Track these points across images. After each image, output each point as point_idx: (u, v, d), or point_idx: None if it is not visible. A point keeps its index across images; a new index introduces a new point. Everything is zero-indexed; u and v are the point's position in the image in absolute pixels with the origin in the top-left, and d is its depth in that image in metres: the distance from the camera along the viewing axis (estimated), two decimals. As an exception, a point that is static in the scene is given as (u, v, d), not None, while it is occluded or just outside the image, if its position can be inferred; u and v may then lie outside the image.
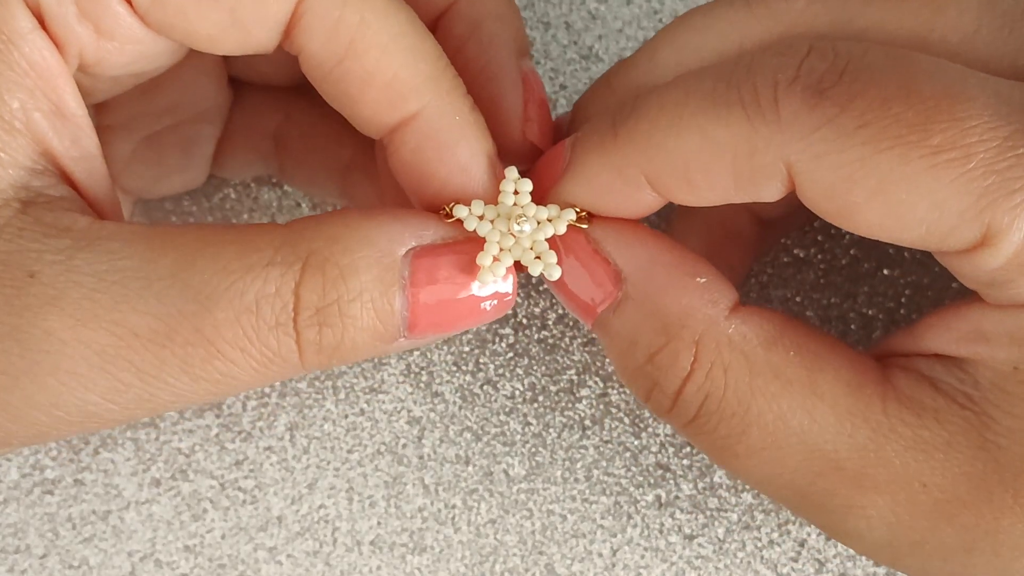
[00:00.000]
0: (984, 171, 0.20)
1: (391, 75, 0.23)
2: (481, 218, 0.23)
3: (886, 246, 0.31)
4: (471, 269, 0.23)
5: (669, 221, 0.31)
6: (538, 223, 0.23)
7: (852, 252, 0.31)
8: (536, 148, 0.26)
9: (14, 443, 0.23)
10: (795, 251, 0.32)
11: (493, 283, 0.23)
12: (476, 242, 0.23)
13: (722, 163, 0.21)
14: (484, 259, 0.23)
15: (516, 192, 0.23)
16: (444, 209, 0.23)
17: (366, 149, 0.29)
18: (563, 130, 0.27)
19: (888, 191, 0.20)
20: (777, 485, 0.23)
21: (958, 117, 0.20)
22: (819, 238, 0.32)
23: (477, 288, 0.23)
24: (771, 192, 0.22)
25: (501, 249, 0.23)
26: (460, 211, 0.23)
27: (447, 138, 0.23)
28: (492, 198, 0.24)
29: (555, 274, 0.23)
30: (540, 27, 0.33)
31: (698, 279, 0.23)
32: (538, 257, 0.23)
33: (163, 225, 0.22)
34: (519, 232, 0.23)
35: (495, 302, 0.23)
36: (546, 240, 0.23)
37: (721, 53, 0.24)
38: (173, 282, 0.21)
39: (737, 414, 0.22)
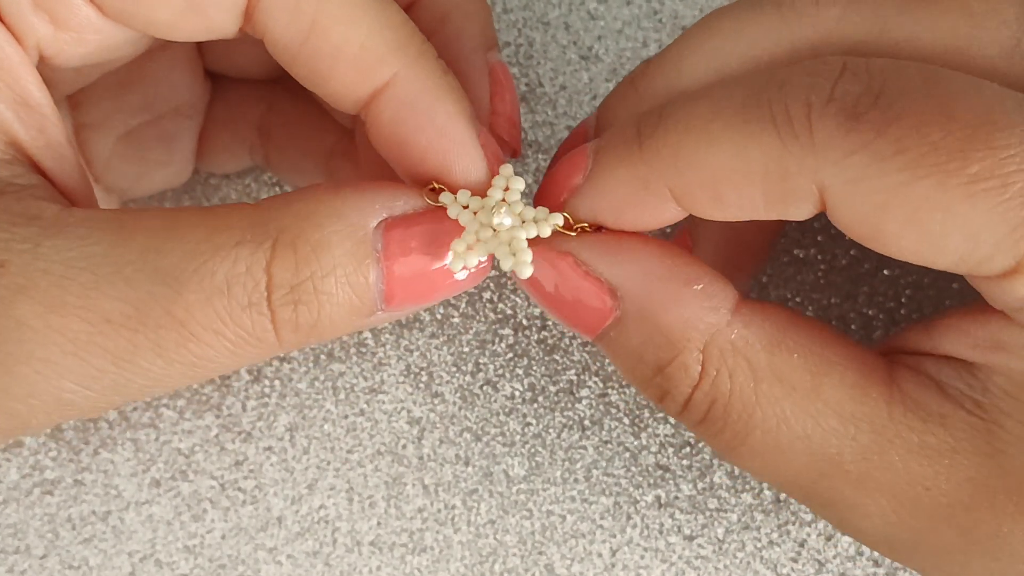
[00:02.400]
0: (1021, 201, 0.19)
1: (358, 47, 0.23)
2: (465, 207, 0.23)
3: (886, 246, 0.31)
4: (444, 239, 0.23)
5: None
6: (523, 221, 0.23)
7: (852, 252, 0.31)
8: (504, 142, 0.25)
9: None
10: (795, 251, 0.32)
11: (464, 269, 0.23)
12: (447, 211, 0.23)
13: (753, 182, 0.21)
14: (459, 246, 0.23)
15: (507, 188, 0.23)
16: (432, 185, 0.23)
17: (348, 134, 0.29)
18: (588, 133, 0.26)
19: (923, 219, 0.20)
20: (781, 483, 0.23)
21: (997, 145, 0.19)
22: (819, 238, 0.32)
23: (450, 260, 0.23)
24: (801, 212, 0.21)
25: (478, 240, 0.23)
26: (445, 198, 0.23)
27: (421, 103, 0.23)
28: (479, 183, 0.23)
29: (526, 272, 0.23)
30: (539, 27, 0.33)
31: (695, 286, 0.23)
32: (513, 254, 0.23)
33: (132, 209, 0.22)
34: (498, 225, 0.23)
35: (471, 271, 0.23)
36: (526, 239, 0.23)
37: (752, 60, 0.23)
38: (142, 266, 0.21)
39: (741, 419, 0.22)
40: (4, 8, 0.22)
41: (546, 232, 0.23)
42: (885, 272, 0.31)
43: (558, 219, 0.23)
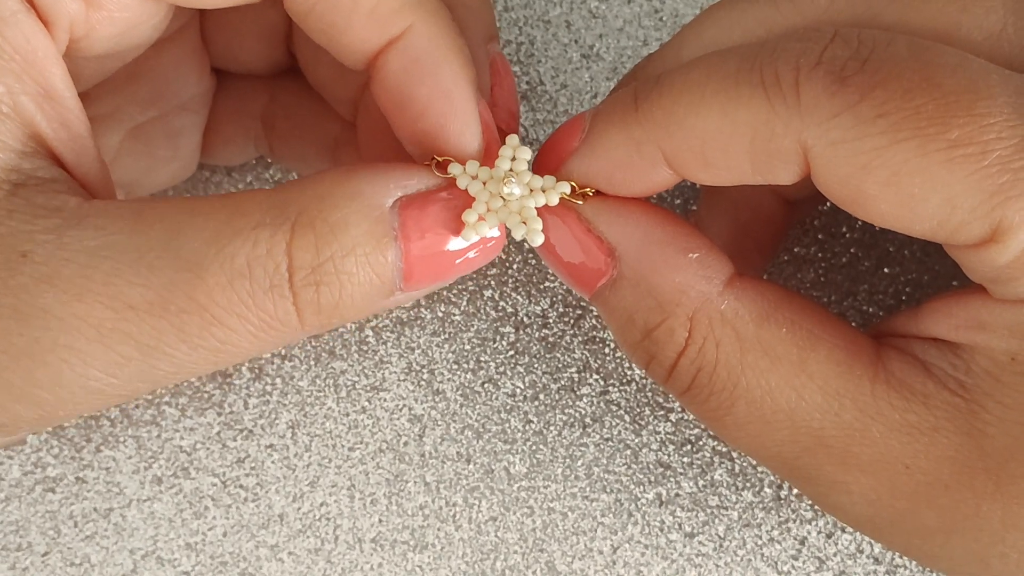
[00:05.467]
0: (999, 169, 0.20)
1: (375, 1, 0.23)
2: (474, 178, 0.23)
3: (886, 244, 0.31)
4: (458, 216, 0.23)
5: (687, 200, 0.31)
6: (531, 190, 0.24)
7: (852, 251, 0.31)
8: (504, 133, 0.26)
9: (23, 426, 0.23)
10: (795, 249, 0.32)
11: (476, 238, 0.23)
12: (461, 189, 0.23)
13: (740, 144, 0.21)
14: (470, 216, 0.23)
15: (514, 158, 0.24)
16: (435, 159, 0.24)
17: (351, 124, 0.29)
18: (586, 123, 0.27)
19: (902, 182, 0.20)
20: (764, 456, 0.23)
21: (978, 113, 0.20)
22: (819, 236, 0.32)
23: (464, 236, 0.23)
24: (786, 176, 0.22)
25: (488, 209, 0.23)
26: (455, 168, 0.23)
27: (430, 60, 0.23)
28: (473, 150, 0.24)
29: (537, 240, 0.24)
30: (541, 25, 0.33)
31: (691, 255, 0.23)
32: (524, 222, 0.24)
33: (150, 199, 0.23)
34: (508, 195, 0.23)
35: (490, 244, 0.23)
36: (536, 209, 0.24)
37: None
38: (163, 252, 0.21)
39: (727, 388, 0.23)
40: None
41: (554, 200, 0.24)
42: (885, 270, 0.31)
43: (565, 187, 0.24)
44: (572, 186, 0.24)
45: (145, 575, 0.30)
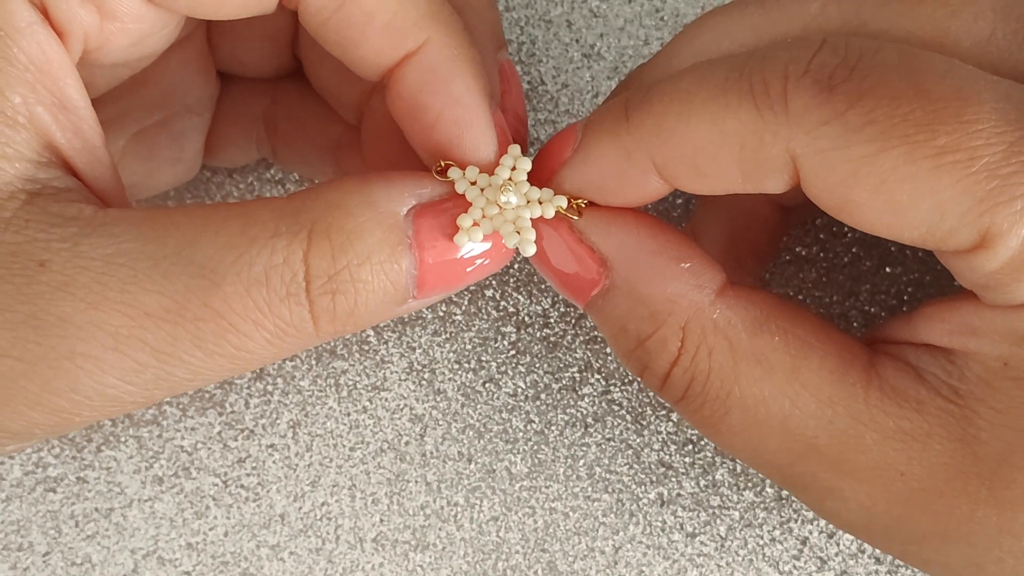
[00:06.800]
0: (987, 175, 0.20)
1: (391, 14, 0.23)
2: (473, 184, 0.23)
3: (887, 244, 0.31)
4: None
5: (689, 200, 0.31)
6: (528, 201, 0.24)
7: (854, 250, 0.31)
8: (513, 139, 0.26)
9: (38, 433, 0.23)
10: (797, 249, 0.32)
11: (470, 245, 0.23)
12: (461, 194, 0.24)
13: (730, 153, 0.21)
14: (464, 221, 0.23)
15: (514, 168, 0.24)
16: (439, 164, 0.24)
17: (354, 127, 0.29)
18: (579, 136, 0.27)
19: (891, 189, 0.20)
20: (759, 463, 0.24)
21: (966, 119, 0.20)
22: (821, 236, 0.32)
23: (457, 240, 0.23)
24: (776, 184, 0.22)
25: (484, 216, 0.23)
26: (454, 173, 0.23)
27: (444, 71, 0.23)
28: (488, 161, 0.24)
29: (530, 250, 0.24)
30: (542, 25, 0.33)
31: (683, 264, 0.23)
32: (518, 232, 0.24)
33: (164, 207, 0.23)
34: (504, 203, 0.23)
35: (502, 251, 0.24)
36: (530, 219, 0.24)
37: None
38: (179, 259, 0.21)
39: (720, 397, 0.23)
40: (52, 4, 0.22)
41: (550, 213, 0.24)
42: (887, 270, 0.31)
43: (561, 201, 0.24)
44: (570, 201, 0.24)
45: (146, 575, 0.30)
